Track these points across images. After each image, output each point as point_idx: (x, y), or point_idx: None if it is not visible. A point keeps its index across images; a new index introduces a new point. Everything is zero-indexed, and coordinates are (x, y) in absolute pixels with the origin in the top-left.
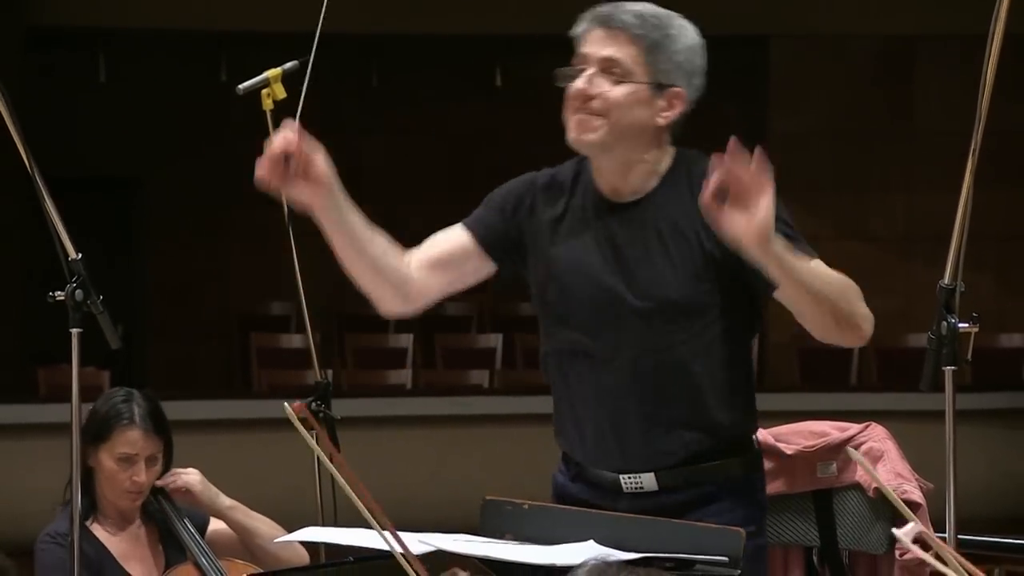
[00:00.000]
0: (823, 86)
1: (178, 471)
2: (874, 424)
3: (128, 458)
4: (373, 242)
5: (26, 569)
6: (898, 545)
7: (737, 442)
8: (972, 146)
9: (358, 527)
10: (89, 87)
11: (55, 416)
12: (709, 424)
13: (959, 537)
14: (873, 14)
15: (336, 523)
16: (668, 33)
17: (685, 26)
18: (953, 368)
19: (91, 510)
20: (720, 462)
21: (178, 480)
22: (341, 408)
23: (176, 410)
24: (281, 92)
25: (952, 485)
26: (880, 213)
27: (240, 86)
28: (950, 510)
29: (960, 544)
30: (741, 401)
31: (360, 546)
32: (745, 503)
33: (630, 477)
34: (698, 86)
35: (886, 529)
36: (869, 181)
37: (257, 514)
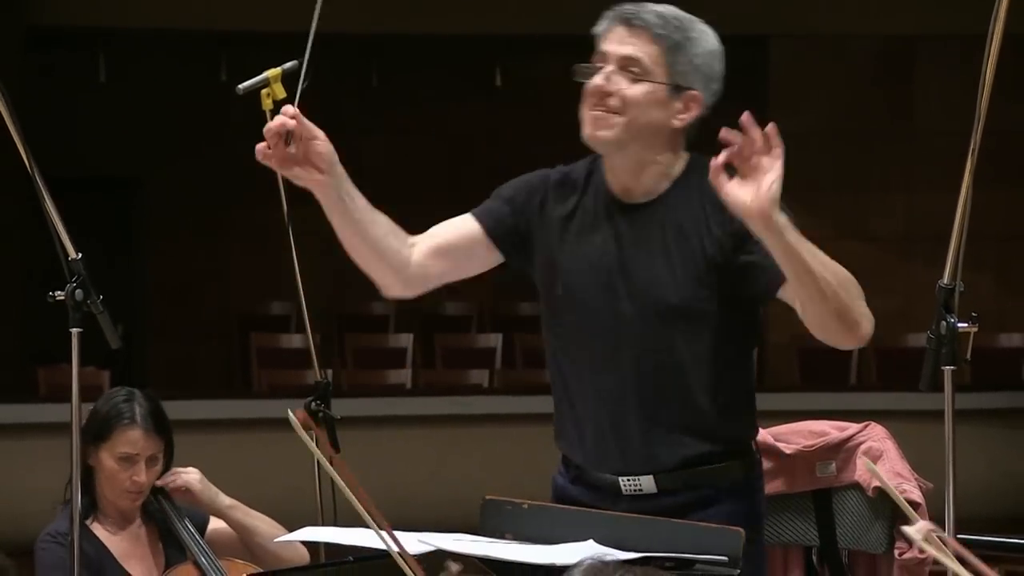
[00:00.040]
0: (823, 86)
1: (178, 470)
2: (873, 424)
3: (129, 458)
4: (375, 225)
5: (26, 569)
6: (897, 544)
7: (736, 447)
8: (971, 146)
9: (358, 527)
10: (89, 87)
11: (55, 416)
12: (707, 428)
13: (958, 537)
14: (873, 14)
15: (336, 523)
16: (689, 36)
17: (706, 31)
18: (952, 368)
19: (91, 509)
20: (719, 466)
21: (178, 479)
22: (341, 408)
23: (176, 410)
24: (281, 92)
25: (951, 485)
26: (880, 213)
27: (240, 86)
28: (949, 510)
29: (959, 544)
30: (741, 408)
31: (360, 546)
32: (743, 507)
33: (629, 479)
34: (715, 91)
35: (885, 528)
36: (869, 181)
37: (257, 513)
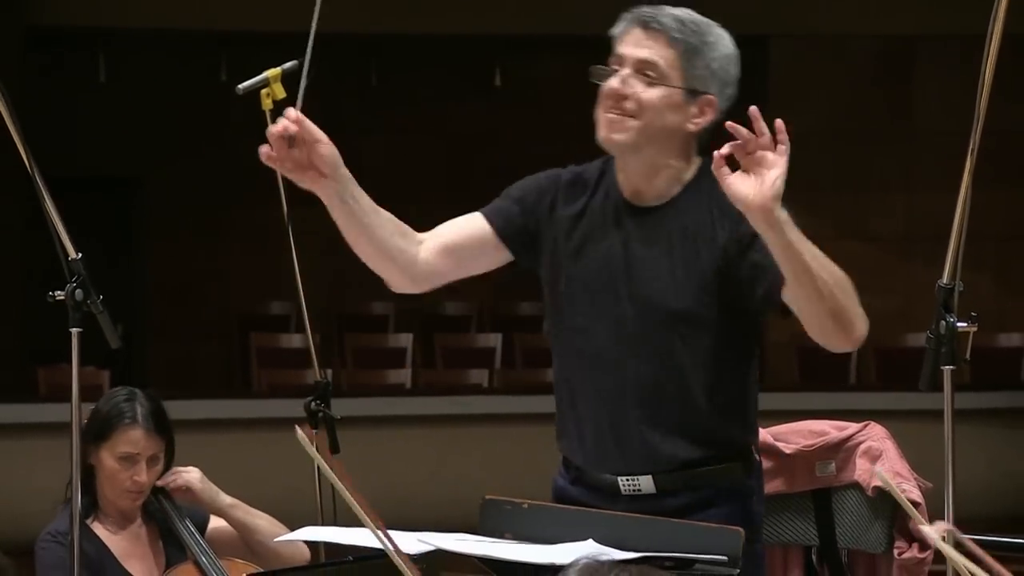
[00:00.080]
0: (823, 86)
1: (178, 469)
2: (873, 423)
3: (129, 457)
4: (380, 224)
5: (26, 569)
6: (897, 544)
7: (736, 449)
8: (971, 146)
9: (357, 527)
10: (89, 87)
11: (55, 416)
12: (707, 430)
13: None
14: (873, 14)
15: (336, 523)
16: (706, 40)
17: (723, 35)
18: (952, 368)
19: (92, 509)
20: (718, 467)
21: (178, 478)
22: (341, 408)
23: (176, 410)
24: (281, 92)
25: (951, 484)
26: (880, 213)
27: (240, 86)
28: (949, 509)
29: (959, 543)
30: (740, 413)
31: (360, 545)
32: (742, 509)
33: (628, 479)
34: (730, 96)
35: (885, 528)
36: (869, 181)
37: (258, 512)
